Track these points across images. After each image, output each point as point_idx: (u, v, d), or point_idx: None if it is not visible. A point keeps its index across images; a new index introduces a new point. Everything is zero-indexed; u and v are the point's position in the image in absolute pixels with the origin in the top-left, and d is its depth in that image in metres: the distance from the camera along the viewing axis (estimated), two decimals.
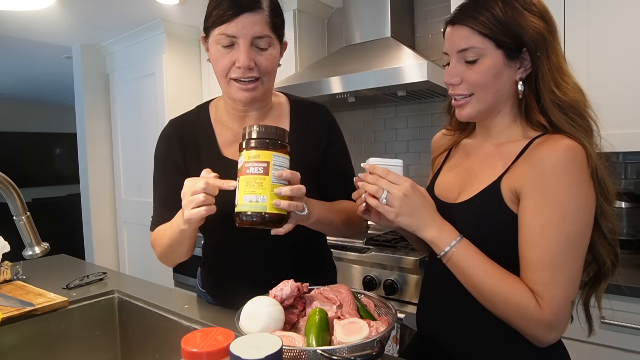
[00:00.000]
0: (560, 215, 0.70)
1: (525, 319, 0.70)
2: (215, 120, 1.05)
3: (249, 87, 0.92)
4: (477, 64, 0.77)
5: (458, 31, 0.79)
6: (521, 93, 0.79)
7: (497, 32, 0.75)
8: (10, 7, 2.30)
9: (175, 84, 2.89)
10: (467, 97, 0.81)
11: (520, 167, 0.76)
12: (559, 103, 0.76)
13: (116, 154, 3.35)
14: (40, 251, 0.93)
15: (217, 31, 0.90)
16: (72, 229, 4.45)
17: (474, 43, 0.77)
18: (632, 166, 1.78)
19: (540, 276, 0.70)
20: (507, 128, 0.84)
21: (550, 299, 0.69)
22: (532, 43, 0.76)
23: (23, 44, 3.14)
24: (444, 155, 0.99)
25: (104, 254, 3.38)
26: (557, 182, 0.70)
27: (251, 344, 0.53)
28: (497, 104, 0.81)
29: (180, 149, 1.02)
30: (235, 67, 0.91)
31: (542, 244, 0.70)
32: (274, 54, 0.95)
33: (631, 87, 1.48)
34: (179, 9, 2.59)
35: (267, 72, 0.94)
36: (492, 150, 0.85)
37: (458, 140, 0.96)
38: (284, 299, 0.80)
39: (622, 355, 1.30)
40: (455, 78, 0.80)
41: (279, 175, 0.80)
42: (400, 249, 1.79)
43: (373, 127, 2.55)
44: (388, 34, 2.10)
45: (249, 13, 0.88)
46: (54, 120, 6.28)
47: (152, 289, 1.25)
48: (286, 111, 1.07)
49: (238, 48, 0.90)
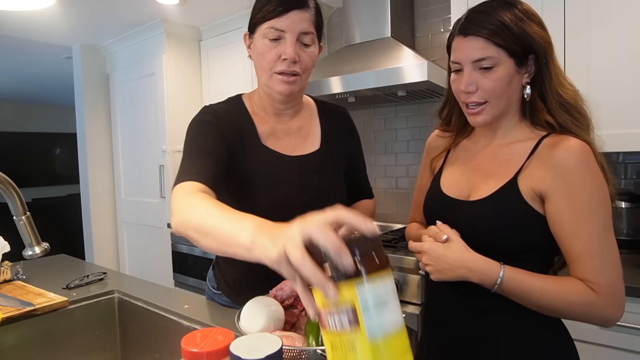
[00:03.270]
0: (593, 206, 0.77)
1: (592, 312, 0.76)
2: (251, 111, 1.07)
3: (290, 79, 0.97)
4: (492, 72, 0.81)
5: (473, 42, 0.82)
6: (528, 96, 0.85)
7: (510, 42, 0.80)
8: (10, 7, 2.30)
9: (175, 84, 2.88)
10: (483, 105, 0.84)
11: (537, 168, 0.81)
12: (563, 103, 0.83)
13: (116, 154, 3.35)
14: (40, 251, 0.93)
15: (267, 25, 0.95)
16: (72, 229, 4.45)
17: (490, 53, 0.80)
18: (632, 166, 1.78)
19: (592, 264, 0.76)
20: (512, 129, 0.89)
21: (606, 282, 0.75)
22: (541, 50, 0.82)
23: (23, 44, 3.13)
24: (443, 156, 1.02)
25: (104, 254, 3.38)
26: (583, 178, 0.77)
27: (251, 344, 0.53)
28: (507, 108, 0.86)
29: (230, 126, 1.00)
30: (280, 61, 0.95)
31: (584, 235, 0.76)
32: (315, 52, 1.00)
33: (631, 87, 1.48)
34: (179, 9, 2.59)
35: (307, 69, 0.99)
36: (500, 150, 0.90)
37: (458, 141, 1.00)
38: (284, 299, 0.80)
39: (623, 355, 1.30)
40: (472, 86, 0.84)
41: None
42: (400, 249, 1.79)
43: (373, 127, 2.55)
44: (388, 34, 2.10)
45: (298, 10, 0.94)
46: (54, 120, 6.28)
47: (152, 289, 1.25)
48: (315, 110, 1.14)
49: (285, 42, 0.94)
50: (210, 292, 1.19)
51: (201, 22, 2.86)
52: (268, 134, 1.04)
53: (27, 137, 6.03)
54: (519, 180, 0.83)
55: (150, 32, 2.88)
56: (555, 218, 0.79)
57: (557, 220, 0.79)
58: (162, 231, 2.91)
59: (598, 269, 0.76)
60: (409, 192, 2.42)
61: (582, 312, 0.77)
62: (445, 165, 1.01)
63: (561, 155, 0.78)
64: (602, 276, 0.76)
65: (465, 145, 0.99)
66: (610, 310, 0.76)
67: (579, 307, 0.76)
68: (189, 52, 2.96)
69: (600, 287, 0.75)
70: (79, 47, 3.23)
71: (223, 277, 1.14)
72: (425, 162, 1.08)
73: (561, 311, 0.79)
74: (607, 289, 0.75)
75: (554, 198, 0.79)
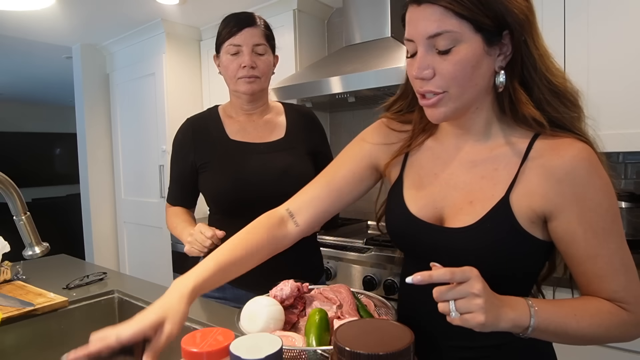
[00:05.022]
0: (610, 219, 0.66)
1: (627, 332, 0.68)
2: (223, 115, 1.31)
3: (251, 80, 1.21)
4: (452, 52, 0.63)
5: (426, 11, 0.63)
6: (502, 85, 0.67)
7: (476, 12, 0.62)
8: (10, 7, 2.30)
9: (175, 84, 2.88)
10: (440, 94, 0.66)
11: (536, 182, 0.67)
12: (556, 91, 0.67)
13: (116, 154, 3.35)
14: (40, 251, 0.93)
15: (227, 43, 1.21)
16: (72, 229, 4.45)
17: (449, 26, 0.62)
18: (632, 166, 1.78)
19: (618, 283, 0.66)
20: (488, 126, 0.73)
21: (635, 299, 0.67)
22: (518, 25, 0.63)
23: (23, 44, 3.13)
24: (399, 160, 0.81)
25: (104, 254, 3.38)
26: (596, 190, 0.65)
27: (251, 344, 0.53)
28: (474, 99, 0.69)
29: (193, 139, 1.27)
30: (241, 68, 1.20)
31: (605, 253, 0.66)
32: (269, 59, 1.25)
33: (631, 87, 1.48)
34: (179, 9, 2.59)
35: (264, 73, 1.23)
36: (480, 156, 0.73)
37: (418, 140, 0.80)
38: (284, 299, 0.80)
39: (623, 355, 1.30)
40: (427, 71, 0.65)
41: None
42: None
43: None
44: (388, 34, 2.10)
45: (250, 27, 1.20)
46: (54, 120, 6.28)
47: (152, 289, 1.25)
48: (282, 110, 1.33)
49: (243, 54, 1.20)
50: None
51: (201, 22, 2.86)
52: (237, 131, 1.27)
53: (27, 137, 6.03)
54: (512, 199, 0.67)
55: (150, 32, 2.88)
56: (566, 239, 0.67)
57: (570, 241, 0.67)
58: (162, 231, 2.91)
59: (625, 287, 0.66)
60: None
61: (617, 333, 0.67)
62: (405, 173, 0.80)
63: (567, 166, 0.65)
64: (631, 293, 0.67)
65: (430, 146, 0.79)
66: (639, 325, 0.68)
67: (615, 329, 0.67)
68: (189, 52, 2.96)
69: (631, 305, 0.67)
70: (79, 47, 3.23)
71: None
72: (355, 150, 0.86)
73: (598, 338, 0.67)
74: (637, 305, 0.67)
75: (562, 216, 0.66)
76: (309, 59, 2.50)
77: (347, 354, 0.48)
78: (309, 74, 2.16)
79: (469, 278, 0.58)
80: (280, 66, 1.33)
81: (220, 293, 1.26)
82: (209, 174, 1.23)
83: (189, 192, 1.30)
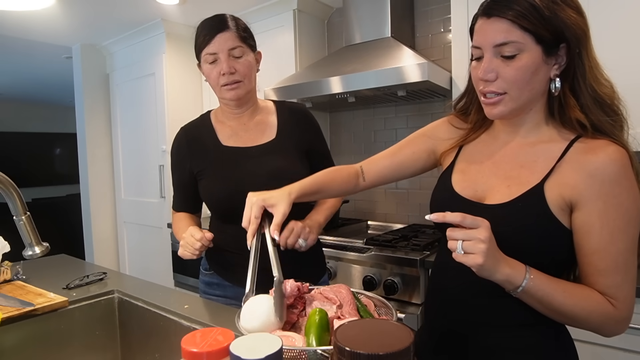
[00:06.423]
0: (627, 220, 0.71)
1: (606, 324, 0.73)
2: (215, 121, 1.30)
3: (233, 86, 1.19)
4: (516, 59, 0.73)
5: (496, 24, 0.73)
6: (557, 90, 0.76)
7: (538, 26, 0.71)
8: (10, 7, 2.31)
9: (175, 84, 2.88)
10: (501, 95, 0.76)
11: (569, 175, 0.74)
12: (599, 100, 0.75)
13: (116, 154, 3.35)
14: (40, 251, 0.93)
15: (204, 52, 1.19)
16: (72, 229, 4.45)
17: (514, 37, 0.72)
18: None
19: (614, 280, 0.72)
20: (537, 127, 0.81)
21: (624, 298, 0.72)
22: (574, 39, 0.73)
23: (23, 44, 3.13)
24: (454, 151, 0.94)
25: (104, 254, 3.38)
26: (621, 190, 0.71)
27: (251, 344, 0.53)
28: (530, 102, 0.78)
29: (188, 148, 1.28)
30: (221, 76, 1.18)
31: (613, 250, 0.71)
32: (248, 59, 1.21)
33: (631, 87, 1.47)
34: (178, 9, 2.59)
35: (245, 75, 1.20)
36: (523, 150, 0.82)
37: (472, 136, 0.92)
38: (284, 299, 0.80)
39: (623, 355, 1.30)
40: (491, 74, 0.75)
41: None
42: (400, 249, 1.79)
43: (373, 127, 2.55)
44: (388, 34, 2.10)
45: (221, 33, 1.17)
46: (54, 120, 6.28)
47: (152, 289, 1.25)
48: (273, 110, 1.31)
49: (220, 61, 1.17)
50: (202, 281, 1.33)
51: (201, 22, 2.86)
52: (229, 136, 1.27)
53: (27, 137, 6.03)
54: (546, 187, 0.75)
55: (150, 32, 2.88)
56: (583, 230, 0.73)
57: (585, 232, 0.73)
58: (162, 231, 2.91)
59: (620, 285, 0.72)
60: (409, 192, 2.42)
61: (597, 322, 0.73)
62: (457, 161, 0.92)
63: (600, 163, 0.71)
64: (623, 293, 0.72)
65: (483, 140, 0.91)
66: (623, 326, 0.73)
67: (596, 317, 0.72)
68: (189, 52, 2.92)
69: (619, 302, 0.72)
70: (79, 47, 3.23)
71: (214, 259, 1.29)
72: (420, 136, 1.01)
73: (578, 319, 0.73)
74: (624, 304, 0.72)
75: (585, 209, 0.72)
76: (309, 59, 2.50)
77: (347, 354, 0.48)
78: (309, 74, 2.16)
79: (479, 226, 0.68)
80: (280, 66, 1.31)
81: (221, 291, 1.26)
82: (205, 181, 1.24)
83: (191, 197, 1.31)
